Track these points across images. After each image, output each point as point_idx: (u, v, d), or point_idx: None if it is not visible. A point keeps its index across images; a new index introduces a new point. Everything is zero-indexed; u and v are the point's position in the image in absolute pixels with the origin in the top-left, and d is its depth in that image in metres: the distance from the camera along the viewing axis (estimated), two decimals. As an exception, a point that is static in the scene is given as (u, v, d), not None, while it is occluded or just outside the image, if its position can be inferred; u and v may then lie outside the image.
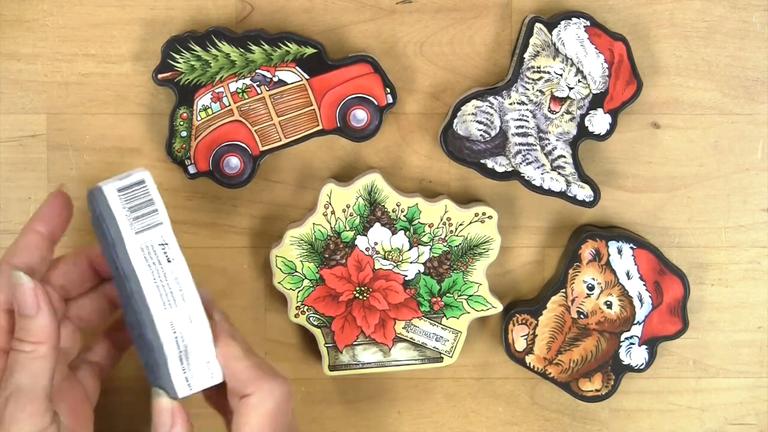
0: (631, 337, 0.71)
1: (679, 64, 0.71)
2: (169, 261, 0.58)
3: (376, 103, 0.69)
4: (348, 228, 0.69)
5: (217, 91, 0.68)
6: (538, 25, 0.67)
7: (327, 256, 0.70)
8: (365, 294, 0.70)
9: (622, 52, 0.68)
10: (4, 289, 0.59)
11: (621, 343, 0.71)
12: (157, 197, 0.59)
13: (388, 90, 0.69)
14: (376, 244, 0.70)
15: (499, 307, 0.71)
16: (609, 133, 0.69)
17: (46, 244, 0.61)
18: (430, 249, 0.70)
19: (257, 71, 0.68)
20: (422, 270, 0.70)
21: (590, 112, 0.68)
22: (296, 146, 0.69)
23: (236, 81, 0.68)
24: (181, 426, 0.60)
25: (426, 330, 0.71)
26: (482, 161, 0.69)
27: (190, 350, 0.59)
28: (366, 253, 0.70)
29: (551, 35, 0.68)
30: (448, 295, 0.71)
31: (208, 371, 0.60)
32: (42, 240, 0.60)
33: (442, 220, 0.70)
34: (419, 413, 0.74)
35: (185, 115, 0.68)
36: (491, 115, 0.68)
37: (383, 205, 0.69)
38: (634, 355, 0.71)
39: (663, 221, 0.72)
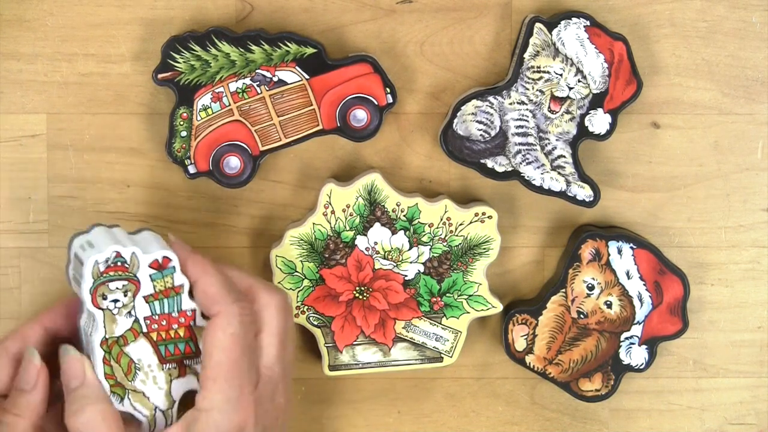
0: (631, 337, 0.71)
1: (679, 64, 0.71)
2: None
3: (376, 103, 0.69)
4: (348, 228, 0.69)
5: (217, 90, 0.68)
6: (538, 25, 0.67)
7: (327, 256, 0.70)
8: (365, 294, 0.70)
9: (622, 52, 0.68)
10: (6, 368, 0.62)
11: (621, 343, 0.71)
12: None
13: (388, 90, 0.69)
14: (376, 243, 0.70)
15: (499, 307, 0.71)
16: (609, 133, 0.69)
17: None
18: (430, 249, 0.70)
19: (257, 71, 0.68)
20: (422, 270, 0.70)
21: (590, 111, 0.68)
22: (296, 146, 0.69)
23: (236, 81, 0.68)
24: (92, 374, 0.61)
25: (426, 330, 0.71)
26: (482, 161, 0.69)
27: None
28: (366, 253, 0.70)
29: (551, 35, 0.68)
30: (448, 295, 0.71)
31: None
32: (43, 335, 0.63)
33: (442, 220, 0.70)
34: (419, 413, 0.74)
35: (185, 115, 0.68)
36: (491, 115, 0.68)
37: (383, 205, 0.69)
38: (634, 354, 0.71)
39: (663, 221, 0.72)
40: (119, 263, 0.60)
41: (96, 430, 0.59)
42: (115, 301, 0.60)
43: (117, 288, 0.60)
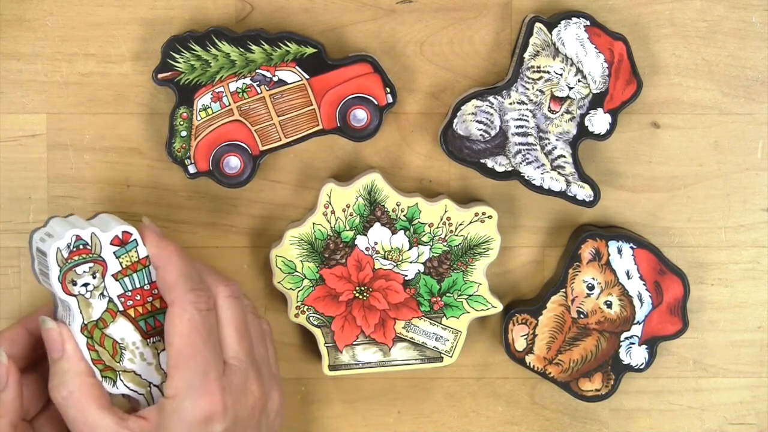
0: (631, 336, 0.71)
1: (679, 64, 0.71)
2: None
3: (376, 103, 0.69)
4: (348, 228, 0.70)
5: (217, 90, 0.68)
6: (538, 24, 0.67)
7: (327, 255, 0.70)
8: (365, 294, 0.70)
9: (622, 52, 0.68)
10: None
11: (621, 343, 0.71)
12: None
13: (388, 90, 0.69)
14: (376, 243, 0.70)
15: (499, 307, 0.71)
16: (609, 132, 0.69)
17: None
18: (430, 249, 0.70)
19: (257, 71, 0.68)
20: (422, 270, 0.70)
21: (590, 111, 0.68)
22: (296, 146, 0.69)
23: (236, 81, 0.68)
24: (72, 346, 0.61)
25: (426, 330, 0.71)
26: (482, 161, 0.69)
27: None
28: (366, 252, 0.70)
29: (551, 35, 0.68)
30: (448, 294, 0.71)
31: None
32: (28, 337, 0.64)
33: (442, 219, 0.70)
34: (419, 413, 0.74)
35: (185, 114, 0.68)
36: (491, 114, 0.68)
37: (383, 205, 0.69)
38: (634, 354, 0.71)
39: (663, 221, 0.72)
40: (81, 246, 0.60)
41: (78, 404, 0.60)
42: (86, 284, 0.60)
43: (84, 271, 0.60)
